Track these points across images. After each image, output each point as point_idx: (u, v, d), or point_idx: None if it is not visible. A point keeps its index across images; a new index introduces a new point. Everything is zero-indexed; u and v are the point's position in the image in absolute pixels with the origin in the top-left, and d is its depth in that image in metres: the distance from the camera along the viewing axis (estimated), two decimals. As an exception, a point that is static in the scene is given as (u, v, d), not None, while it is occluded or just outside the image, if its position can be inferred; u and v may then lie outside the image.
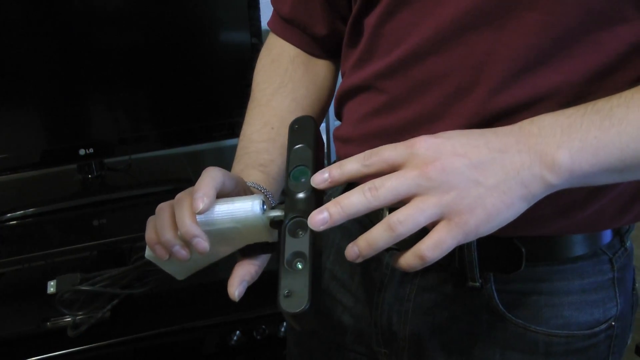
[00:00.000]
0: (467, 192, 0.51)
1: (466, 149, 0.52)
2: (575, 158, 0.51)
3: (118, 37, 1.39)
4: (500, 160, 0.52)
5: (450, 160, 0.51)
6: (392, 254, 0.74)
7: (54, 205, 1.40)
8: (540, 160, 0.52)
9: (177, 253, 0.60)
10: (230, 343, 1.37)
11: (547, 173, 0.52)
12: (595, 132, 0.52)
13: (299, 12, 0.80)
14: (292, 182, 0.57)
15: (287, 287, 0.52)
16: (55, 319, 1.28)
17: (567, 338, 0.69)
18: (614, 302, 0.70)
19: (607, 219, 0.67)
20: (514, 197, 0.52)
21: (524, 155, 0.52)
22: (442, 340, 0.73)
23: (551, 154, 0.51)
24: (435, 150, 0.52)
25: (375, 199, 0.52)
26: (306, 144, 0.58)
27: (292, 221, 0.55)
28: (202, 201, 0.57)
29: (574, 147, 0.52)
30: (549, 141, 0.52)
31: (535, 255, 0.67)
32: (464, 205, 0.51)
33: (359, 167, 0.54)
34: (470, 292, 0.70)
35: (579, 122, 0.53)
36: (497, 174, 0.51)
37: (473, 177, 0.51)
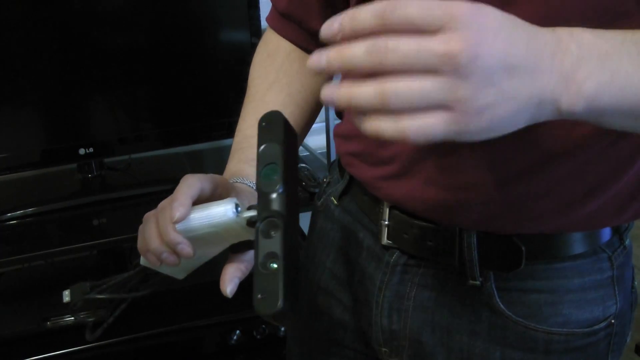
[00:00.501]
0: (486, 93, 0.44)
1: (509, 42, 0.45)
2: (600, 91, 0.48)
3: (118, 37, 1.39)
4: (532, 72, 0.46)
5: (489, 51, 0.44)
6: (392, 253, 0.75)
7: (53, 205, 1.40)
8: (567, 85, 0.47)
9: (166, 259, 0.62)
10: (230, 342, 1.37)
11: (566, 99, 0.47)
12: (629, 66, 0.48)
13: (295, 6, 0.80)
14: (263, 182, 0.57)
15: (260, 289, 0.52)
16: (55, 318, 1.28)
17: (567, 336, 0.69)
18: (614, 300, 0.70)
19: (606, 217, 0.67)
20: (524, 114, 0.47)
21: (555, 75, 0.47)
22: (442, 339, 0.73)
23: (579, 81, 0.47)
24: (477, 33, 0.43)
25: (380, 63, 0.44)
26: (275, 141, 0.57)
27: (264, 222, 0.55)
28: (178, 211, 0.59)
29: (603, 79, 0.47)
30: (582, 65, 0.47)
31: (535, 253, 0.67)
32: (474, 107, 0.44)
33: (376, 21, 0.44)
34: (470, 290, 0.70)
35: (617, 49, 0.48)
36: (523, 86, 0.46)
37: (499, 81, 0.44)
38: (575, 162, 0.62)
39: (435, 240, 0.70)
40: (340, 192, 0.83)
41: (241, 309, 1.36)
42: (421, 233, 0.71)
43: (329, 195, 0.85)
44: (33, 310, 1.32)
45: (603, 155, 0.62)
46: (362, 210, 0.79)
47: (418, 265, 0.73)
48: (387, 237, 0.75)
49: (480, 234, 0.67)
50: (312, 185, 1.47)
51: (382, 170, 0.72)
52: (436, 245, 0.70)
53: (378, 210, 0.75)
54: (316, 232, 0.87)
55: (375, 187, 0.74)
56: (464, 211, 0.67)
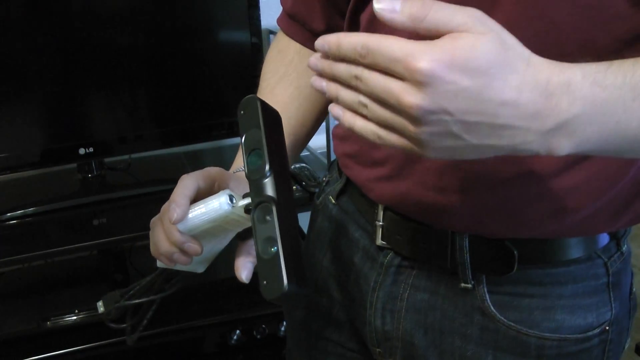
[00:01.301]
0: (440, 141, 0.46)
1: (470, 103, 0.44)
2: (582, 146, 0.48)
3: (118, 37, 1.39)
4: (499, 131, 0.46)
5: (443, 110, 0.44)
6: (387, 253, 0.75)
7: (54, 205, 1.40)
8: (547, 145, 0.47)
9: (178, 259, 0.65)
10: (230, 342, 1.37)
11: (545, 151, 0.47)
12: (621, 114, 0.47)
13: (299, 7, 0.81)
14: (250, 169, 0.57)
15: (264, 274, 0.53)
16: (55, 318, 1.29)
17: (559, 342, 0.68)
18: (608, 307, 0.69)
19: (600, 223, 0.67)
20: (493, 153, 0.48)
21: (532, 134, 0.46)
22: (435, 341, 0.73)
23: (561, 144, 0.47)
24: (435, 89, 0.43)
25: (355, 86, 0.47)
26: (254, 126, 0.58)
27: (258, 208, 0.56)
28: (175, 212, 0.61)
29: (587, 136, 0.47)
30: (570, 127, 0.46)
31: (528, 257, 0.66)
32: (430, 147, 0.46)
33: (353, 54, 0.47)
34: (462, 293, 0.69)
35: (614, 100, 0.47)
36: (486, 141, 0.46)
37: (457, 133, 0.45)
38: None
39: (428, 242, 0.70)
40: (338, 192, 0.83)
41: (241, 308, 1.36)
42: (414, 234, 0.71)
43: (328, 194, 0.86)
44: (33, 310, 1.32)
45: (596, 160, 0.62)
46: (358, 210, 0.79)
47: (411, 267, 0.73)
48: (381, 238, 0.75)
49: (472, 237, 0.67)
50: (312, 185, 1.47)
51: (375, 171, 0.72)
52: (429, 247, 0.70)
53: (373, 210, 0.75)
54: (314, 231, 0.87)
55: (369, 189, 0.74)
56: (456, 214, 0.67)
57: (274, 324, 1.38)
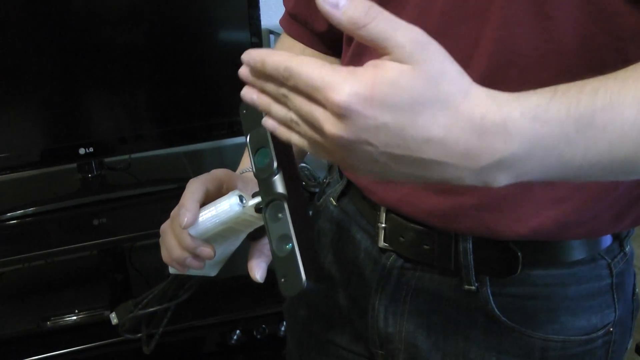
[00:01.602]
0: (364, 165, 0.45)
1: (389, 137, 0.42)
2: (522, 177, 0.46)
3: (118, 37, 1.39)
4: (425, 167, 0.44)
5: (361, 143, 0.43)
6: (389, 256, 0.75)
7: (54, 205, 1.40)
8: (483, 180, 0.45)
9: (191, 264, 0.66)
10: (230, 342, 1.37)
11: (480, 185, 0.46)
12: (563, 147, 0.45)
13: (301, 7, 0.81)
14: (258, 168, 0.57)
15: (282, 272, 0.53)
16: (55, 318, 1.29)
17: (563, 343, 0.68)
18: (612, 308, 0.70)
19: (604, 225, 0.67)
20: (421, 181, 0.46)
21: (466, 174, 0.44)
22: (438, 343, 0.73)
23: (495, 181, 0.45)
24: (353, 123, 0.42)
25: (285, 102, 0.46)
26: (258, 125, 0.56)
27: (269, 207, 0.56)
28: (185, 217, 0.62)
29: (524, 171, 0.45)
30: (504, 168, 0.45)
31: (532, 259, 0.67)
32: (355, 167, 0.46)
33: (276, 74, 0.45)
34: (466, 295, 0.69)
35: (556, 137, 0.44)
36: (410, 173, 0.45)
37: (379, 159, 0.44)
38: None
39: (431, 244, 0.70)
40: (339, 193, 0.83)
41: (241, 308, 1.36)
42: (417, 237, 0.71)
43: (329, 195, 0.86)
44: (33, 310, 1.32)
45: None
46: (360, 212, 0.79)
47: (414, 269, 0.73)
48: (383, 240, 0.74)
49: (476, 239, 0.67)
50: (312, 185, 1.47)
51: None
52: (432, 249, 0.70)
53: (375, 213, 0.75)
54: (315, 232, 0.87)
55: (371, 191, 0.74)
56: (458, 217, 0.67)
57: (274, 324, 1.38)
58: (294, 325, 0.92)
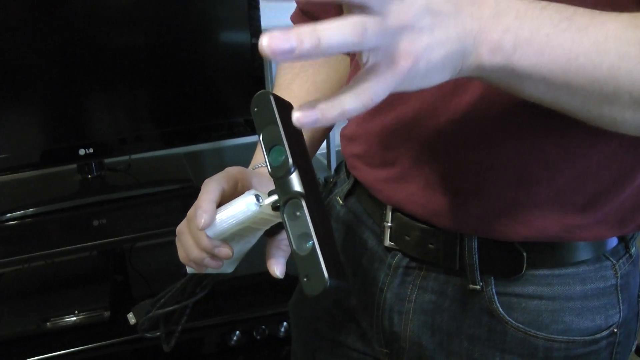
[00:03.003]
0: (421, 35, 0.44)
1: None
2: (518, 48, 0.48)
3: (118, 37, 1.39)
4: (454, 17, 0.46)
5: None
6: (395, 255, 0.75)
7: (53, 205, 1.40)
8: (486, 35, 0.47)
9: (209, 264, 0.66)
10: (230, 343, 1.37)
11: (486, 51, 0.48)
12: (549, 28, 0.48)
13: (313, 3, 0.81)
14: (273, 166, 0.56)
15: (304, 271, 0.52)
16: (55, 319, 1.28)
17: (567, 344, 0.68)
18: (617, 309, 0.69)
19: (608, 229, 0.67)
20: (450, 62, 0.47)
21: (475, 22, 0.47)
22: (442, 342, 0.73)
23: (498, 33, 0.48)
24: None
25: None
26: (271, 122, 0.56)
27: (287, 206, 0.55)
28: (203, 218, 0.61)
29: (521, 36, 0.48)
30: (500, 18, 0.48)
31: (537, 260, 0.67)
32: (413, 49, 0.44)
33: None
34: (470, 294, 0.70)
35: (537, 12, 0.49)
36: (449, 29, 0.46)
37: (429, 23, 0.44)
38: (576, 170, 0.62)
39: (437, 243, 0.70)
40: (346, 193, 0.83)
41: (241, 309, 1.36)
42: (422, 236, 0.71)
43: (335, 195, 0.86)
44: (33, 310, 1.32)
45: (604, 165, 0.62)
46: (366, 211, 0.79)
47: (419, 268, 0.73)
48: (389, 239, 0.75)
49: (481, 238, 0.67)
50: (312, 186, 1.47)
51: (384, 172, 0.72)
52: (437, 248, 0.70)
53: (381, 212, 0.75)
54: None
55: (377, 190, 0.74)
56: (463, 216, 0.67)
57: (274, 324, 1.38)
58: (299, 324, 0.92)
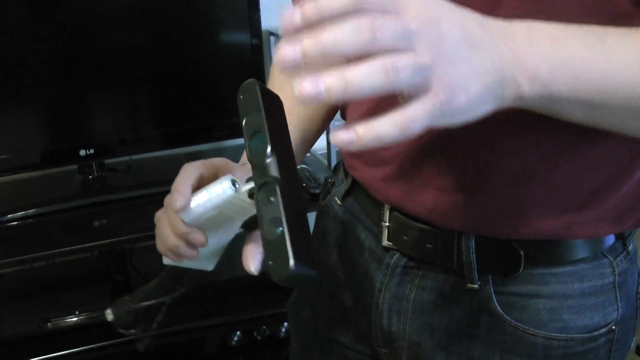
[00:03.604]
0: (458, 68, 0.45)
1: (463, 21, 0.46)
2: (555, 74, 0.49)
3: (119, 38, 1.40)
4: (490, 47, 0.47)
5: (449, 26, 0.45)
6: (393, 254, 0.75)
7: (54, 206, 1.40)
8: (523, 65, 0.48)
9: (184, 252, 0.64)
10: (230, 343, 1.37)
11: (525, 80, 0.48)
12: (584, 52, 0.49)
13: None
14: (252, 151, 0.56)
15: (271, 255, 0.52)
16: (55, 319, 1.29)
17: (566, 341, 0.68)
18: (615, 306, 0.69)
19: (606, 226, 0.67)
20: (491, 94, 0.47)
21: (510, 51, 0.48)
22: (441, 342, 0.73)
23: (534, 62, 0.48)
24: (434, 10, 0.45)
25: (372, 40, 0.42)
26: (255, 110, 0.56)
27: (262, 189, 0.55)
28: (178, 201, 0.60)
29: (557, 62, 0.49)
30: (535, 47, 0.49)
31: (535, 258, 0.67)
32: (451, 81, 0.44)
33: (349, 5, 0.43)
34: (468, 293, 0.70)
35: (570, 37, 0.50)
36: (485, 61, 0.46)
37: (466, 55, 0.45)
38: (573, 168, 0.62)
39: (434, 242, 0.70)
40: (344, 193, 0.83)
41: (242, 310, 1.37)
42: (420, 235, 0.71)
43: (333, 195, 0.86)
44: (34, 311, 1.32)
45: (602, 162, 0.62)
46: (364, 211, 0.79)
47: (418, 268, 0.73)
48: (387, 239, 0.75)
49: (478, 237, 0.67)
50: (312, 186, 1.47)
51: (381, 171, 0.72)
52: (435, 247, 0.70)
53: (379, 211, 0.75)
54: (320, 232, 0.87)
55: (375, 189, 0.75)
56: (461, 214, 0.67)
57: (275, 325, 1.38)
58: (298, 324, 0.92)
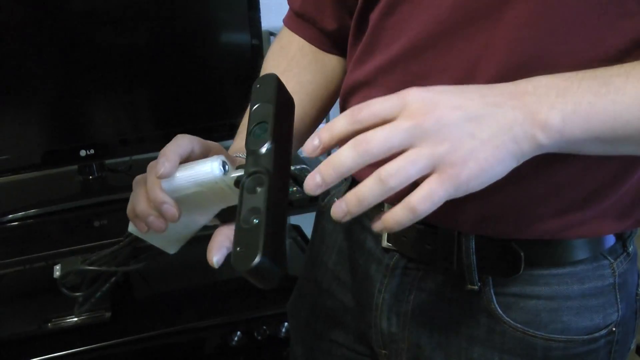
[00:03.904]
0: (461, 144, 0.50)
1: (461, 101, 0.52)
2: (567, 121, 0.52)
3: (119, 39, 1.40)
4: (495, 115, 0.52)
5: (446, 112, 0.51)
6: (392, 255, 0.75)
7: (55, 206, 1.40)
8: (533, 119, 0.52)
9: (152, 223, 0.61)
10: (231, 343, 1.37)
11: (539, 132, 0.52)
12: (590, 97, 0.52)
13: (309, 6, 0.81)
14: (252, 139, 0.55)
15: (240, 243, 0.50)
16: (56, 320, 1.28)
17: (566, 343, 0.68)
18: (615, 308, 0.69)
19: (607, 224, 0.67)
20: (506, 153, 0.52)
21: (518, 112, 0.52)
22: (441, 343, 0.73)
23: (544, 113, 0.52)
24: (431, 102, 0.51)
25: (366, 152, 0.50)
26: (267, 101, 0.56)
27: (250, 177, 0.53)
28: (163, 166, 0.58)
29: (566, 110, 0.52)
30: (543, 101, 0.52)
31: (535, 259, 0.67)
32: (457, 158, 0.50)
33: (349, 125, 0.53)
34: (468, 295, 0.70)
35: (576, 85, 0.53)
36: (491, 127, 0.51)
37: (468, 130, 0.51)
38: (573, 167, 0.62)
39: (434, 243, 0.70)
40: (344, 193, 0.83)
41: (242, 310, 1.36)
42: (420, 236, 0.71)
43: (333, 196, 0.86)
44: (34, 311, 1.32)
45: (602, 161, 0.62)
46: (364, 212, 0.79)
47: (417, 269, 0.73)
48: (387, 240, 0.75)
49: (478, 238, 0.67)
50: (312, 187, 1.47)
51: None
52: (435, 248, 0.70)
53: (379, 212, 0.75)
54: (319, 232, 0.87)
55: (375, 189, 0.75)
56: (461, 214, 0.67)
57: (275, 325, 1.38)
58: (297, 324, 0.92)
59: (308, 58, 0.82)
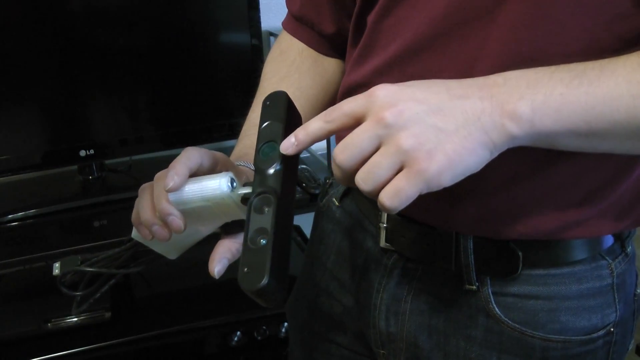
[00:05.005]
0: (427, 138, 0.50)
1: (426, 94, 0.52)
2: (537, 111, 0.51)
3: (119, 39, 1.40)
4: (461, 106, 0.52)
5: (408, 105, 0.51)
6: (391, 255, 0.75)
7: (54, 207, 1.40)
8: (502, 109, 0.51)
9: (157, 232, 0.62)
10: (231, 344, 1.37)
11: (508, 121, 0.51)
12: (562, 88, 0.52)
13: (308, 9, 0.81)
14: (260, 158, 0.56)
15: (247, 263, 0.51)
16: (56, 320, 1.29)
17: (564, 343, 0.68)
18: (613, 308, 0.69)
19: (605, 224, 0.66)
20: (475, 143, 0.51)
21: (486, 102, 0.52)
22: (439, 343, 0.73)
23: (513, 103, 0.51)
24: (393, 97, 0.52)
25: (343, 163, 0.53)
26: (276, 120, 0.57)
27: (258, 197, 0.54)
28: (172, 179, 0.58)
29: (536, 100, 0.51)
30: (513, 91, 0.52)
31: (533, 259, 0.67)
32: (423, 152, 0.50)
33: (322, 125, 0.54)
34: (466, 295, 0.70)
35: (547, 77, 0.52)
36: (457, 118, 0.51)
37: (432, 122, 0.51)
38: (571, 167, 0.62)
39: (432, 243, 0.70)
40: (342, 194, 0.83)
41: (242, 310, 1.36)
42: (418, 236, 0.71)
43: (331, 196, 0.86)
44: (34, 311, 1.32)
45: (600, 161, 0.62)
46: (362, 212, 0.79)
47: (415, 269, 0.73)
48: (385, 240, 0.75)
49: (476, 238, 0.67)
50: (312, 187, 1.47)
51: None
52: (433, 248, 0.70)
53: (377, 212, 0.75)
54: (318, 233, 0.87)
55: (372, 190, 0.75)
56: (459, 215, 0.67)
57: (275, 325, 1.38)
58: (296, 325, 0.92)
59: (308, 62, 0.82)
